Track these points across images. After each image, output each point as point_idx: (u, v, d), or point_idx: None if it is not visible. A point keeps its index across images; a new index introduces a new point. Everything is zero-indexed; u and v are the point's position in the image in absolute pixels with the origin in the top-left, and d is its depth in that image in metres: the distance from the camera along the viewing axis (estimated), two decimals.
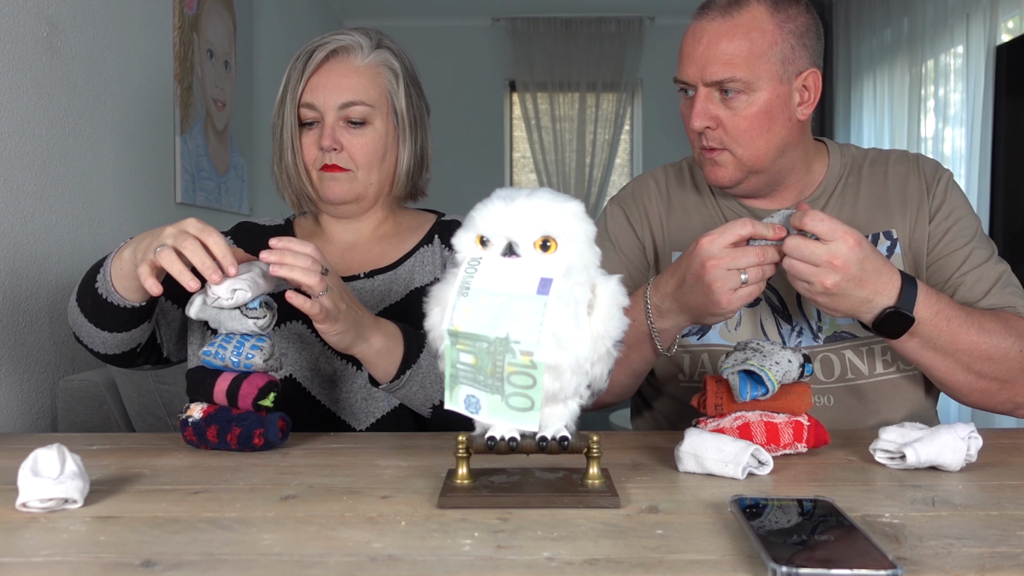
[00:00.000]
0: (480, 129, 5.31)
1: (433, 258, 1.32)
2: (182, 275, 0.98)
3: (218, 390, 1.02)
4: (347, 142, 1.27)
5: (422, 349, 1.13)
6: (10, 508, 0.78)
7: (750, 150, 1.21)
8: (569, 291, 0.76)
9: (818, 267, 1.02)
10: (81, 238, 1.79)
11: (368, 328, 1.08)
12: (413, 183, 1.36)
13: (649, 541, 0.68)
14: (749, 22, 1.17)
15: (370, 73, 1.28)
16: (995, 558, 0.64)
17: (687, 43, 1.21)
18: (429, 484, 0.86)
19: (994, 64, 3.26)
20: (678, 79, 1.22)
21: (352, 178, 1.28)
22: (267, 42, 3.33)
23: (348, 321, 1.05)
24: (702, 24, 1.20)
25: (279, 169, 1.32)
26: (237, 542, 0.69)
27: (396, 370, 1.12)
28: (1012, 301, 1.20)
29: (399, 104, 1.30)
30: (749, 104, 1.18)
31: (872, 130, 4.29)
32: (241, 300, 1.00)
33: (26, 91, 1.60)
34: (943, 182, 1.28)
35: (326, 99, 1.26)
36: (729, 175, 1.23)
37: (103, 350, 1.19)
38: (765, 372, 0.94)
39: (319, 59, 1.27)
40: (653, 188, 1.38)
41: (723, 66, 1.17)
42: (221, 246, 1.00)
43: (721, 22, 1.18)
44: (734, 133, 1.19)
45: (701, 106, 1.19)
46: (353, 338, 1.07)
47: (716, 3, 1.20)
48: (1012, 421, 2.95)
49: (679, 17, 5.15)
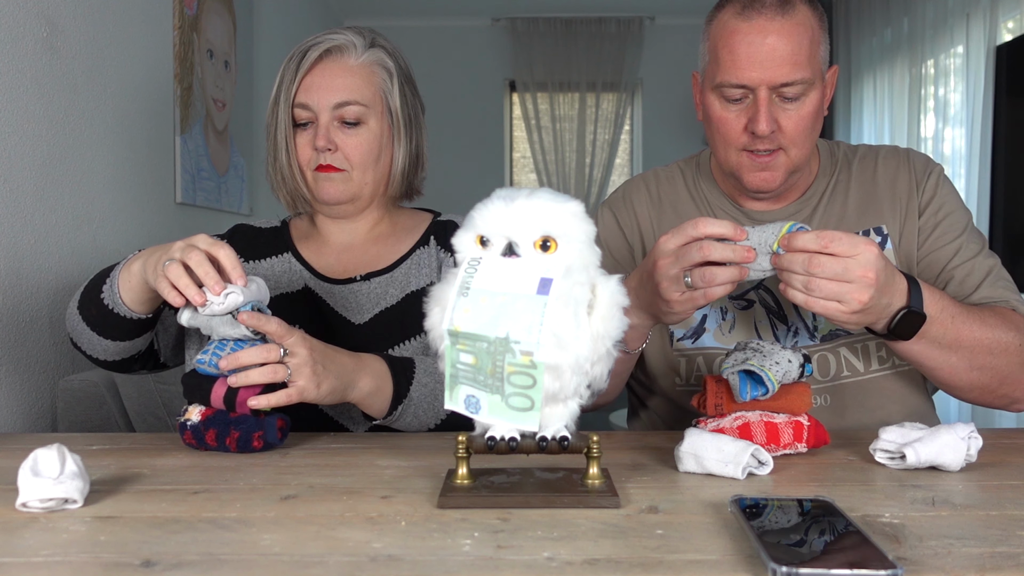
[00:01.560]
0: (480, 129, 5.31)
1: (429, 260, 1.32)
2: (188, 289, 0.98)
3: (215, 395, 1.02)
4: (342, 142, 1.27)
5: (411, 381, 1.12)
6: (10, 508, 0.78)
7: (803, 150, 1.20)
8: (569, 291, 0.76)
9: (852, 283, 0.96)
10: (81, 238, 1.79)
11: (354, 374, 1.06)
12: (409, 183, 1.35)
13: (649, 541, 0.68)
14: (803, 21, 1.15)
15: (364, 72, 1.28)
16: (995, 558, 0.64)
17: (742, 46, 1.15)
18: (429, 484, 0.86)
19: (994, 64, 3.26)
20: (734, 83, 1.16)
21: (347, 178, 1.28)
22: (267, 42, 3.33)
23: (332, 379, 1.03)
24: (759, 23, 1.14)
25: (274, 170, 1.32)
26: (237, 542, 0.69)
27: (388, 407, 1.11)
28: (1003, 294, 1.20)
29: (394, 103, 1.30)
30: (804, 104, 1.17)
31: (872, 130, 4.29)
32: (233, 304, 0.99)
33: (26, 91, 1.60)
34: (933, 176, 1.28)
35: (320, 99, 1.26)
36: (779, 179, 1.21)
37: (102, 356, 1.19)
38: (765, 372, 0.94)
39: (313, 59, 1.26)
40: (644, 192, 1.37)
41: (792, 67, 1.14)
42: (232, 258, 1.00)
43: (782, 22, 1.14)
44: (792, 134, 1.18)
45: (767, 109, 1.15)
46: (342, 390, 1.05)
47: (764, 3, 1.15)
48: (1012, 421, 2.96)
49: (679, 17, 5.15)
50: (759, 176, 1.21)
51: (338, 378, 1.04)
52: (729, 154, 1.22)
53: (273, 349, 0.99)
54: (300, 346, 1.01)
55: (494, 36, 5.34)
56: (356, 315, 1.28)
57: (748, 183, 1.22)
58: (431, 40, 5.19)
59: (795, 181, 1.26)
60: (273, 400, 0.99)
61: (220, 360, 1.00)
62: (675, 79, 5.14)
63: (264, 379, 0.99)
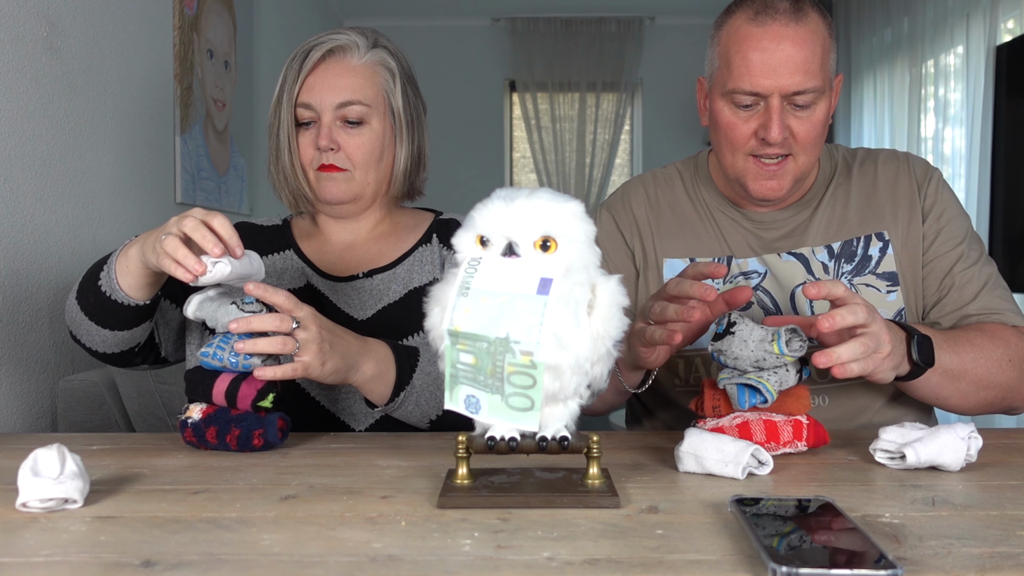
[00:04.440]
0: (480, 129, 5.31)
1: (432, 257, 1.32)
2: (187, 259, 0.97)
3: (217, 391, 1.02)
4: (344, 142, 1.27)
5: (415, 369, 1.12)
6: (10, 508, 0.78)
7: (811, 157, 1.20)
8: (569, 291, 0.76)
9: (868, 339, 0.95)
10: (81, 238, 1.79)
11: (358, 356, 1.07)
12: (410, 183, 1.36)
13: (649, 541, 0.68)
14: (815, 29, 1.15)
15: (367, 72, 1.28)
16: (995, 558, 0.64)
17: (755, 52, 1.14)
18: (429, 484, 0.86)
19: (994, 64, 3.26)
20: (747, 91, 1.15)
21: (349, 178, 1.28)
22: (267, 42, 3.33)
23: (337, 359, 1.03)
24: (773, 29, 1.13)
25: (276, 170, 1.32)
26: (237, 542, 0.69)
27: (391, 393, 1.11)
28: (999, 305, 1.22)
29: (396, 103, 1.30)
30: (815, 112, 1.17)
31: (872, 130, 4.29)
32: (220, 273, 0.98)
33: (26, 91, 1.60)
34: (934, 181, 1.28)
35: (323, 99, 1.26)
36: (786, 187, 1.21)
37: (102, 348, 1.18)
38: (763, 383, 0.94)
39: (315, 59, 1.26)
40: (642, 194, 1.37)
41: (805, 76, 1.13)
42: (227, 227, 1.00)
43: (796, 28, 1.13)
44: (804, 141, 1.18)
45: (779, 116, 1.15)
46: (346, 371, 1.06)
47: (778, 8, 1.14)
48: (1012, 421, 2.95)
49: (679, 17, 5.15)
50: (766, 185, 1.21)
51: (343, 358, 1.04)
52: (736, 159, 1.22)
53: (286, 319, 1.00)
54: (311, 321, 1.01)
55: (494, 36, 5.34)
56: (359, 311, 1.28)
57: (754, 191, 1.22)
58: (431, 40, 5.19)
59: (799, 187, 1.26)
60: (279, 372, 0.99)
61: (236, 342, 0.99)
62: (675, 79, 5.14)
63: (272, 349, 0.99)
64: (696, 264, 1.04)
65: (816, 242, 1.27)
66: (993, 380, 1.15)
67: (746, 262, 1.28)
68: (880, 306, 1.23)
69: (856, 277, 1.25)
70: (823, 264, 1.26)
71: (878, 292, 1.25)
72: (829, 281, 1.03)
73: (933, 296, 1.25)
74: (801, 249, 1.27)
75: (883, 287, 1.25)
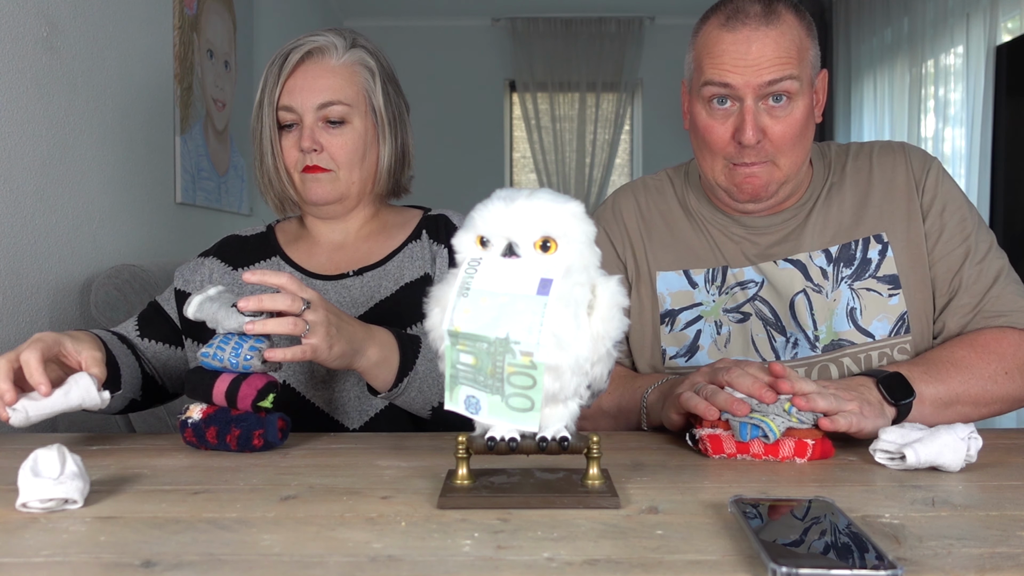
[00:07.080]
0: (480, 129, 5.31)
1: (422, 253, 1.32)
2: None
3: (217, 391, 1.02)
4: (327, 142, 1.28)
5: (418, 354, 1.13)
6: (10, 508, 0.78)
7: (792, 158, 1.19)
8: (569, 291, 0.76)
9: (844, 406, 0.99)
10: (81, 238, 1.79)
11: (363, 342, 1.07)
12: (395, 180, 1.36)
13: (649, 541, 0.68)
14: (789, 29, 1.15)
15: (346, 72, 1.29)
16: (995, 558, 0.64)
17: (729, 52, 1.15)
18: (429, 484, 0.86)
19: (994, 64, 3.27)
20: (717, 81, 1.16)
21: (334, 178, 1.29)
22: (267, 42, 3.33)
23: (343, 342, 1.04)
24: (744, 33, 1.14)
25: (260, 174, 1.33)
26: (237, 542, 0.69)
27: (394, 379, 1.12)
28: (1007, 306, 1.19)
29: (377, 102, 1.31)
30: (792, 111, 1.16)
31: (872, 130, 4.29)
32: (20, 418, 0.96)
33: (26, 91, 1.60)
34: (932, 174, 1.25)
35: (303, 101, 1.27)
36: (766, 187, 1.20)
37: (105, 410, 1.20)
38: (766, 422, 0.94)
39: (294, 61, 1.27)
40: (633, 205, 1.35)
41: (776, 66, 1.13)
42: (30, 365, 0.98)
43: (766, 30, 1.14)
44: (780, 143, 1.17)
45: (753, 117, 1.15)
46: (351, 355, 1.06)
47: (749, 12, 1.15)
48: (1012, 421, 2.95)
49: (679, 17, 5.15)
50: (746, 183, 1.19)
51: (349, 343, 1.05)
52: (716, 165, 1.21)
53: (296, 299, 1.00)
54: (319, 305, 1.02)
55: (494, 36, 5.34)
56: (351, 310, 1.28)
57: (737, 194, 1.21)
58: (431, 40, 5.20)
59: (790, 190, 1.24)
60: (289, 355, 0.99)
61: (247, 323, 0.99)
62: (675, 79, 5.10)
63: (281, 330, 0.99)
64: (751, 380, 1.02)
65: (813, 247, 1.25)
66: (991, 396, 1.13)
67: (741, 272, 1.26)
68: (882, 310, 1.22)
69: (856, 281, 1.23)
70: (821, 269, 1.24)
71: (880, 296, 1.22)
72: (798, 380, 1.00)
73: (943, 298, 1.22)
74: (798, 255, 1.25)
75: (884, 291, 1.22)
